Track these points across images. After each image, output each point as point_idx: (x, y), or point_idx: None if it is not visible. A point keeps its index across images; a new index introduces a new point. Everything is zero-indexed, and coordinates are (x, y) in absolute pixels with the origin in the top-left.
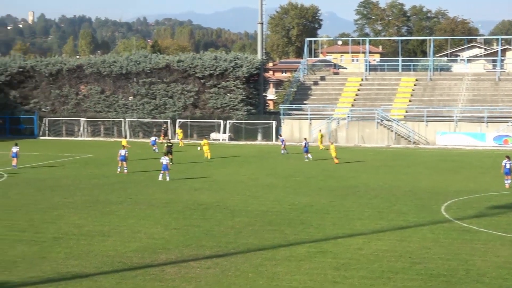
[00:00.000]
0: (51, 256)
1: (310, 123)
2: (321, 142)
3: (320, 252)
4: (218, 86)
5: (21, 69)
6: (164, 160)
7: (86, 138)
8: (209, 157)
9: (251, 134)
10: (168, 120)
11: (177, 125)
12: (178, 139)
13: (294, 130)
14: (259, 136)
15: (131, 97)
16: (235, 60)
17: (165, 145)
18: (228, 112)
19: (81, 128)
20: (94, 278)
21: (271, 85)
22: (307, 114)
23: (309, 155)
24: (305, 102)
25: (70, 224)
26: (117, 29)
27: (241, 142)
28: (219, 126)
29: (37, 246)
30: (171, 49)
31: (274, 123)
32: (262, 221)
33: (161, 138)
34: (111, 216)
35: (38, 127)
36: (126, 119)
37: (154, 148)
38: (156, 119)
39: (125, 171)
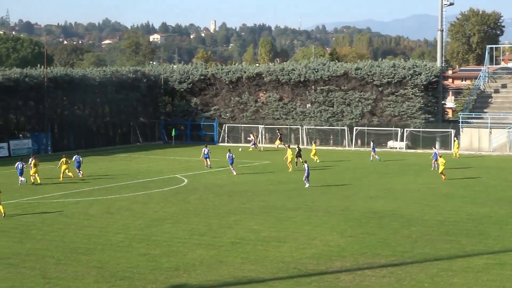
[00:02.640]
0: (228, 260)
1: (490, 132)
2: (457, 150)
3: (498, 264)
4: (396, 93)
5: (202, 77)
6: (306, 166)
7: (264, 145)
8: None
9: (428, 142)
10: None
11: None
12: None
13: (473, 139)
14: (437, 145)
15: (309, 105)
16: (413, 68)
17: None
18: (406, 120)
19: (259, 135)
20: (269, 283)
21: (450, 93)
22: (487, 123)
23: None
24: (485, 110)
25: (247, 229)
26: (296, 37)
27: (418, 151)
28: (396, 134)
29: (215, 250)
30: (349, 56)
31: (452, 131)
32: (439, 231)
33: (277, 142)
34: (287, 222)
35: (217, 134)
36: (304, 127)
37: (255, 146)
38: (333, 126)
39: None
